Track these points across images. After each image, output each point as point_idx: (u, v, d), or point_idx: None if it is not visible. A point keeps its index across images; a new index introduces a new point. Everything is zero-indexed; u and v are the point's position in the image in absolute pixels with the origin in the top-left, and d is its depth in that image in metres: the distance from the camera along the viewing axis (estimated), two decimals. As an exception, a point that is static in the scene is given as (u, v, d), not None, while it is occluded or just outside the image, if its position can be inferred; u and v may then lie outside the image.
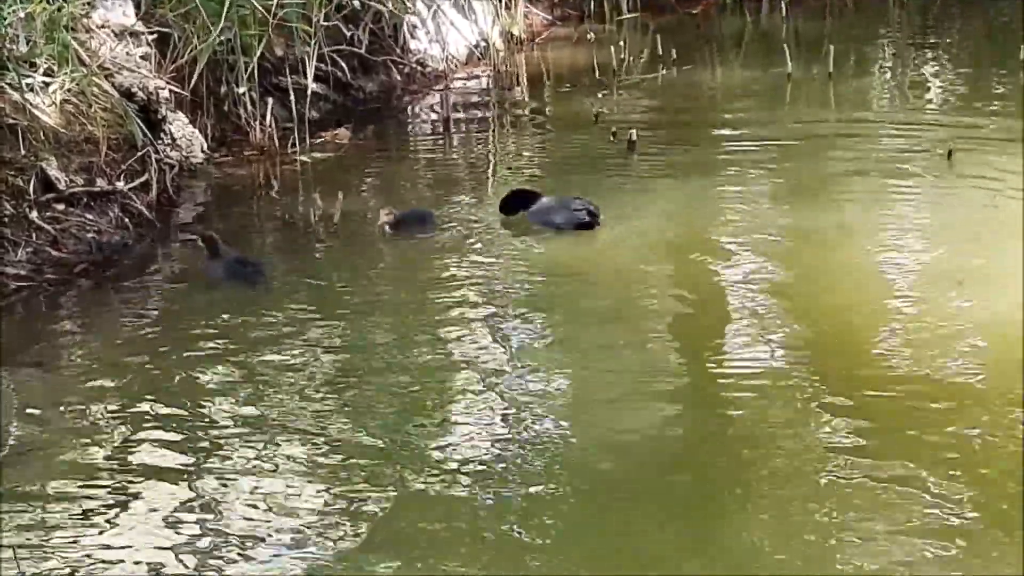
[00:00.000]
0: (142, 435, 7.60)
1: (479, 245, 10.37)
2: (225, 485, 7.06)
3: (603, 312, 9.10)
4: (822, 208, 10.65)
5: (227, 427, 7.66)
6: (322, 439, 7.49)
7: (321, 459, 7.27)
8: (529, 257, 10.15)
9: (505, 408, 7.73)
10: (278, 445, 7.41)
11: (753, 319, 8.81)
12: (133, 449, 7.46)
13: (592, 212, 10.49)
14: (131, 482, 7.14)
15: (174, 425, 7.71)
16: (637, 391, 7.94)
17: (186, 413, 7.84)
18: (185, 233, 10.90)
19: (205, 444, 7.48)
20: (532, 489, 6.90)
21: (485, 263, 10.01)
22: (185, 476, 7.17)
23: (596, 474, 7.05)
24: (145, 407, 7.93)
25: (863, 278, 9.35)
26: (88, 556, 6.53)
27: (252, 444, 7.45)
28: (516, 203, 10.76)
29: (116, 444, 7.51)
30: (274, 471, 7.15)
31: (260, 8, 12.69)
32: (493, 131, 13.68)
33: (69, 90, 10.87)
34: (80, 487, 7.09)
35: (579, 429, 7.50)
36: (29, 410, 7.89)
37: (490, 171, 12.26)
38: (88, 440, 7.56)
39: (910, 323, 8.54)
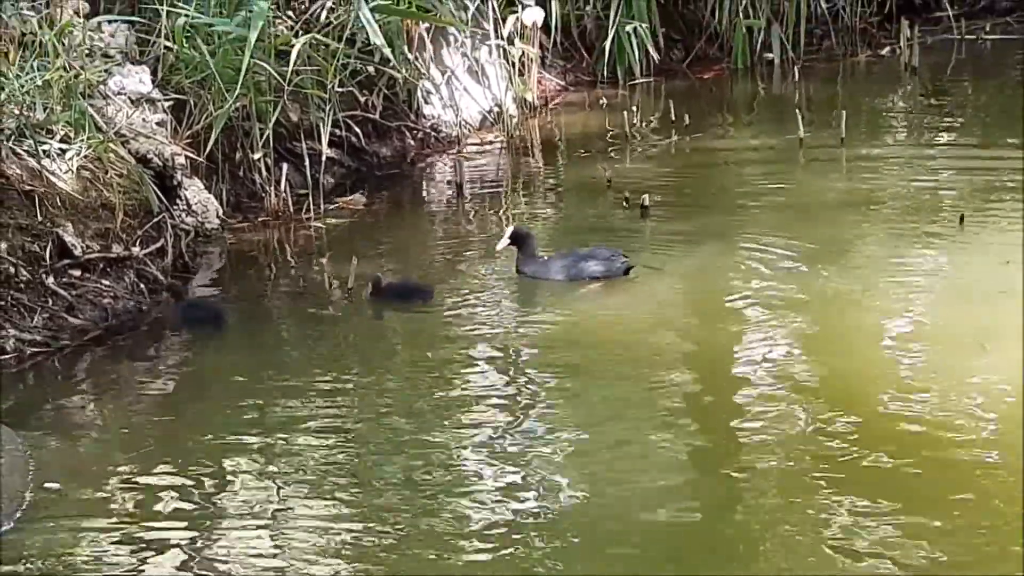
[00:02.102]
0: (156, 503, 7.60)
1: (492, 310, 10.40)
2: (240, 559, 7.05)
3: (617, 376, 9.11)
4: (835, 273, 10.67)
5: (242, 495, 7.66)
6: (336, 504, 7.50)
7: (335, 524, 7.28)
8: (542, 322, 10.17)
9: (516, 475, 7.75)
10: (294, 514, 7.42)
11: (768, 384, 8.82)
12: (147, 517, 7.46)
13: (625, 256, 10.69)
14: (145, 549, 7.15)
15: (189, 493, 7.71)
16: (650, 455, 7.95)
17: (201, 481, 7.84)
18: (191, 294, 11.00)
19: (221, 513, 7.48)
20: (544, 552, 6.91)
21: (497, 328, 10.04)
22: (200, 545, 7.17)
23: (609, 541, 7.05)
24: (160, 473, 7.94)
25: (877, 343, 9.36)
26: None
27: (267, 511, 7.45)
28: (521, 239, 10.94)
29: (130, 511, 7.52)
30: (290, 539, 7.15)
31: (275, 75, 12.77)
32: (506, 196, 13.72)
33: (86, 156, 10.94)
34: (93, 554, 7.09)
35: (591, 495, 7.50)
36: (43, 476, 7.89)
37: (504, 236, 12.27)
38: (102, 507, 7.56)
39: (927, 387, 8.55)
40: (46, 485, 7.77)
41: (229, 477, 7.91)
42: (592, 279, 10.73)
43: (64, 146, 10.87)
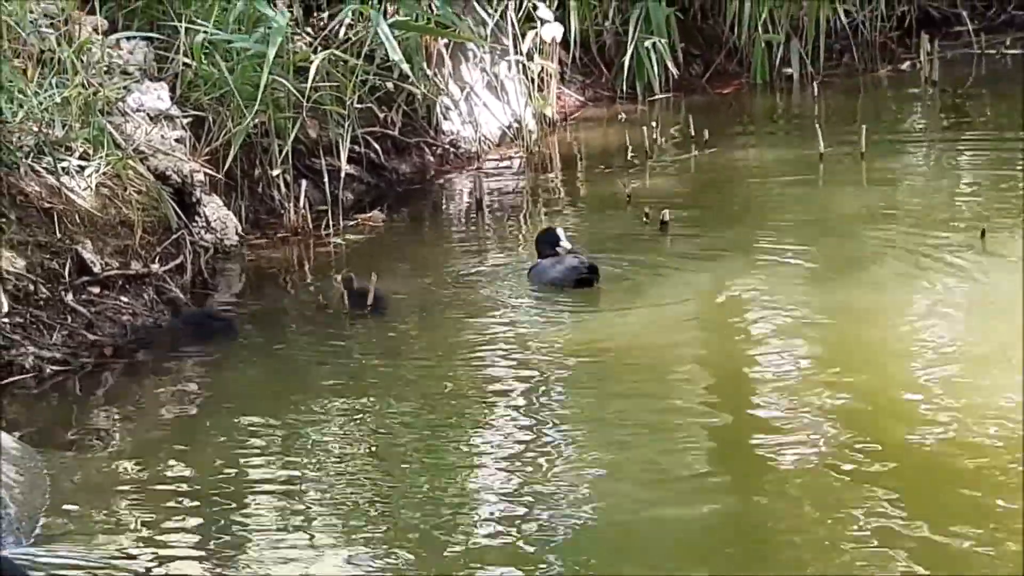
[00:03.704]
0: (175, 523, 7.59)
1: (511, 324, 10.39)
2: None
3: (634, 392, 9.08)
4: (856, 288, 10.63)
5: (264, 514, 7.64)
6: (356, 519, 7.49)
7: (355, 539, 7.27)
8: (559, 336, 10.13)
9: (537, 485, 7.74)
10: (315, 532, 7.39)
11: (787, 400, 8.78)
12: (165, 536, 7.44)
13: (592, 267, 10.67)
14: (163, 569, 7.13)
15: (209, 511, 7.69)
16: (668, 473, 7.91)
17: (221, 499, 7.82)
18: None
19: (242, 533, 7.46)
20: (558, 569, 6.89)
21: (516, 342, 10.01)
22: (219, 564, 7.14)
23: (625, 559, 7.01)
24: (178, 492, 7.93)
25: (900, 357, 9.31)
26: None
27: (288, 530, 7.43)
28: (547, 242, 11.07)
29: (148, 530, 7.50)
30: (311, 558, 7.13)
31: (294, 91, 12.78)
32: (526, 212, 13.70)
33: (104, 173, 10.94)
34: (110, 573, 7.07)
35: (607, 512, 7.47)
36: (61, 494, 7.87)
37: (523, 252, 12.24)
38: (120, 526, 7.55)
39: (952, 401, 8.49)
40: (64, 504, 7.76)
41: (249, 495, 7.88)
42: (552, 285, 10.78)
43: (83, 163, 10.88)
